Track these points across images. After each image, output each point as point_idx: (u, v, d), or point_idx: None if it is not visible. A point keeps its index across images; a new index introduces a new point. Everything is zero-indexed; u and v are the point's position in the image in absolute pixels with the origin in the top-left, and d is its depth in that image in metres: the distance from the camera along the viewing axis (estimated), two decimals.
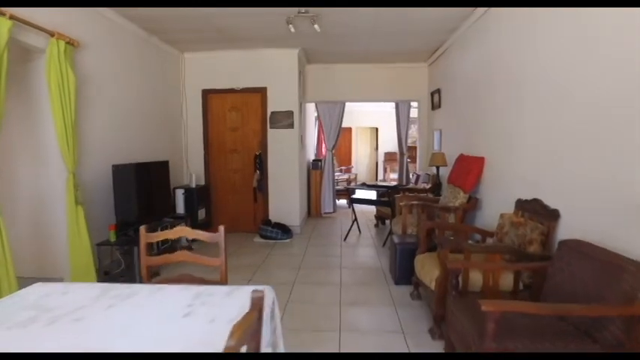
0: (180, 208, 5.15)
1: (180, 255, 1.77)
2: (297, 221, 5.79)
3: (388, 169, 12.45)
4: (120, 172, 3.79)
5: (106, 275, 3.83)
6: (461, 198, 3.99)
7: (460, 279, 2.37)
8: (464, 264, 2.34)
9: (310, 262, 4.45)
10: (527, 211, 2.72)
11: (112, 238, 3.72)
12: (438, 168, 5.15)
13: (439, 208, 3.98)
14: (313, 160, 7.41)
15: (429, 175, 5.81)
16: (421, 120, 6.66)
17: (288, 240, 5.36)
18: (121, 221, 3.79)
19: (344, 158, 13.83)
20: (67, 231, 3.28)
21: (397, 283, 3.69)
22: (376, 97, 6.74)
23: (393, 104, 10.60)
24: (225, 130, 5.84)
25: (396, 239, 3.83)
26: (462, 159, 4.42)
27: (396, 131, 7.19)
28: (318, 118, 7.22)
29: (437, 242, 2.59)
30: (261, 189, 5.76)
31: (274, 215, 5.76)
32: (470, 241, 3.31)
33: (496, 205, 3.57)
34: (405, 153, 7.14)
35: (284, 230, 5.41)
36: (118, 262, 3.93)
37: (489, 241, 3.03)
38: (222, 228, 1.75)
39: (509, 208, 3.08)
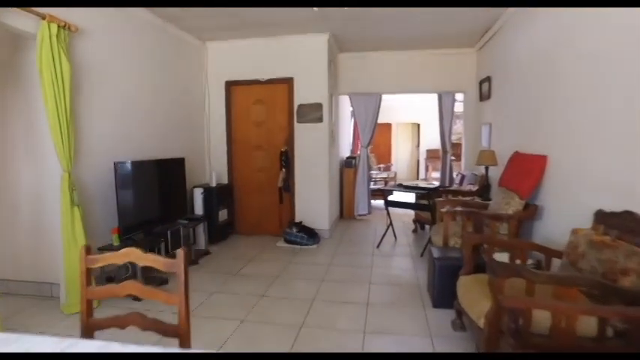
0: (199, 209, 4.79)
1: (127, 286, 1.31)
2: (326, 224, 5.27)
3: (430, 168, 11.63)
4: (123, 170, 3.44)
5: (109, 282, 3.51)
6: (516, 204, 3.30)
7: (520, 318, 1.75)
8: (526, 302, 1.72)
9: (336, 273, 3.92)
10: (614, 227, 2.03)
11: (116, 242, 3.38)
12: (487, 168, 4.43)
13: (488, 216, 3.31)
14: (347, 158, 6.86)
15: (476, 175, 5.09)
16: (467, 113, 5.91)
17: (314, 246, 4.86)
18: (126, 224, 3.44)
19: (383, 156, 13.14)
20: (61, 234, 2.97)
21: (436, 305, 3.07)
22: (416, 88, 6.06)
23: (435, 97, 9.89)
24: (250, 125, 5.42)
25: (435, 252, 3.21)
26: (517, 158, 3.70)
27: (439, 126, 6.47)
28: (353, 112, 6.66)
29: (487, 265, 1.98)
30: (287, 189, 5.29)
31: (301, 218, 5.28)
32: (530, 261, 2.64)
33: (563, 215, 2.87)
34: (449, 150, 6.40)
35: (310, 235, 4.91)
36: (125, 267, 3.60)
37: (556, 263, 2.35)
38: (181, 253, 1.26)
39: (584, 222, 2.38)
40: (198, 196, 4.78)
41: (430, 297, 3.22)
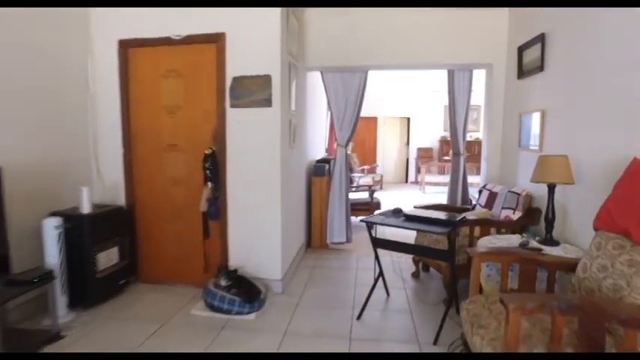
0: (54, 255, 2.75)
1: None
2: (277, 271, 3.30)
3: (423, 170, 9.78)
4: None
5: None
6: None
7: None
8: None
9: None
10: None
11: None
12: (552, 188, 2.53)
13: (624, 322, 1.40)
14: (317, 162, 4.90)
15: (516, 195, 3.19)
16: (493, 97, 4.01)
17: (252, 315, 2.88)
18: None
19: (367, 155, 11.27)
20: None
21: None
22: (418, 60, 4.12)
23: (432, 85, 8.08)
24: (159, 112, 3.40)
25: None
26: None
27: (449, 116, 4.57)
28: (327, 97, 4.69)
29: None
30: (214, 215, 3.30)
31: (238, 261, 3.31)
32: None
33: None
34: (463, 152, 4.49)
35: (247, 294, 2.93)
36: None
37: None
38: None
39: None
40: (49, 233, 2.74)
41: None
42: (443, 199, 5.28)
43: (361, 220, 2.81)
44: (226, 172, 3.26)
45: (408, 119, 11.43)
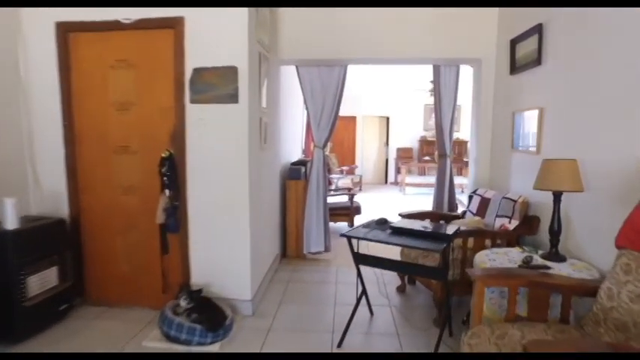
0: None
1: None
2: (247, 291, 2.90)
3: (404, 171, 9.52)
4: None
5: None
6: None
7: None
8: None
9: None
10: None
11: None
12: (557, 196, 2.22)
13: None
14: (292, 165, 4.50)
15: (511, 201, 2.90)
16: (481, 95, 3.73)
17: (215, 346, 2.46)
18: None
19: (346, 155, 10.93)
20: None
21: None
22: (402, 55, 3.80)
23: (412, 83, 7.88)
24: (108, 108, 2.93)
25: None
26: None
27: (434, 115, 4.27)
28: (303, 94, 4.30)
29: None
30: (173, 228, 2.86)
31: (201, 278, 2.89)
32: None
33: None
34: (449, 154, 4.20)
35: (209, 322, 2.51)
36: None
37: None
38: None
39: None
40: None
41: None
42: (424, 201, 5.01)
43: (342, 235, 2.43)
44: (186, 178, 2.83)
45: (387, 119, 11.18)
